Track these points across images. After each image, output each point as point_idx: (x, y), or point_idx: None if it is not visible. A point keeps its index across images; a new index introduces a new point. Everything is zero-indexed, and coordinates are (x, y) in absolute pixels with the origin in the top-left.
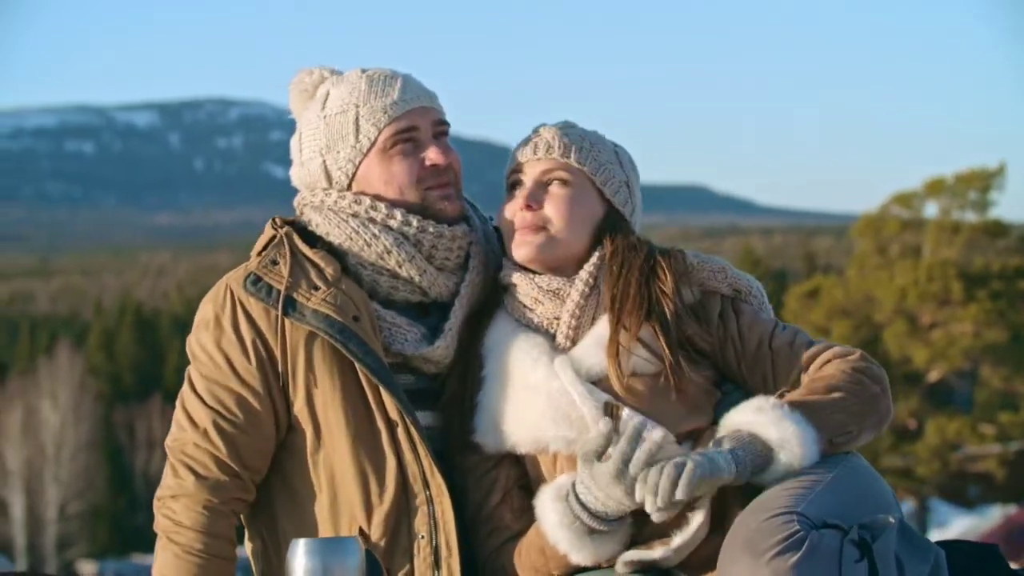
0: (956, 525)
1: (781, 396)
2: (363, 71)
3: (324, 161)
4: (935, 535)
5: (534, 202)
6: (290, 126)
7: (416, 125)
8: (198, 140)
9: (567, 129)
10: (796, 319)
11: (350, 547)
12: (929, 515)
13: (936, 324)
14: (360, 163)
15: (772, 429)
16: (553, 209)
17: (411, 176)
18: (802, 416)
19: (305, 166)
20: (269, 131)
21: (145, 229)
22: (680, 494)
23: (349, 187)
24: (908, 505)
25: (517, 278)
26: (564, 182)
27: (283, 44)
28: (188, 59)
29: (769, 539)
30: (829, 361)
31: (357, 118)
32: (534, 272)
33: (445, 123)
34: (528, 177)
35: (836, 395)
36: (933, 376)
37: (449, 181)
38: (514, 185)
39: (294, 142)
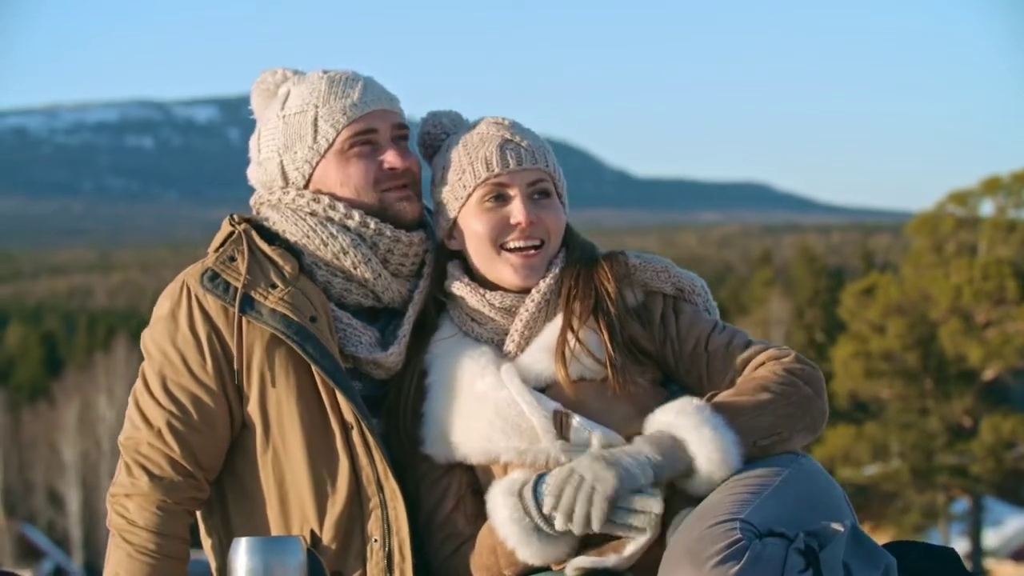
0: (1011, 523)
1: (711, 398)
2: (324, 72)
3: (281, 161)
4: (990, 533)
5: (534, 216)
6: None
7: (375, 127)
8: None
9: (528, 133)
10: (852, 317)
11: (292, 547)
12: (984, 513)
13: (991, 322)
14: (317, 164)
15: (691, 435)
16: (550, 221)
17: (368, 178)
18: (723, 421)
19: (262, 165)
20: None
21: (204, 224)
22: (596, 526)
23: (306, 187)
24: (963, 503)
25: (466, 292)
26: (547, 193)
27: (344, 39)
28: (248, 54)
29: (710, 547)
30: (763, 363)
31: (316, 119)
32: (485, 287)
33: (405, 127)
34: (516, 189)
35: (764, 397)
36: (988, 374)
37: (407, 183)
38: (494, 196)
39: (253, 141)
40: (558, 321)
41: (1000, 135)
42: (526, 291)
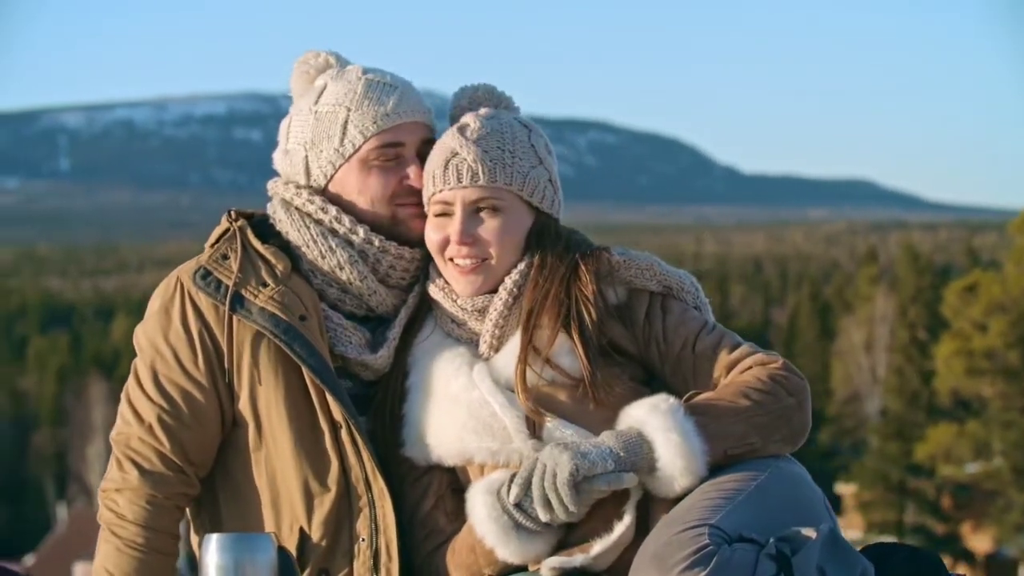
0: None
1: (690, 398)
2: (364, 72)
3: (307, 156)
4: None
5: (469, 236)
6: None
7: (402, 141)
8: None
9: (485, 143)
10: (955, 315)
11: (262, 544)
12: None
13: None
14: (340, 167)
15: (659, 436)
16: (491, 240)
17: (385, 192)
18: (694, 426)
19: (289, 155)
20: (436, 120)
21: None
22: (572, 508)
23: (325, 188)
24: None
25: (441, 296)
26: (496, 209)
27: (451, 33)
28: (355, 47)
29: (677, 553)
30: (749, 368)
31: (346, 121)
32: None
33: (433, 141)
34: (457, 207)
35: (743, 403)
36: None
37: (422, 200)
38: (440, 212)
39: (283, 126)
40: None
41: None
42: (493, 291)
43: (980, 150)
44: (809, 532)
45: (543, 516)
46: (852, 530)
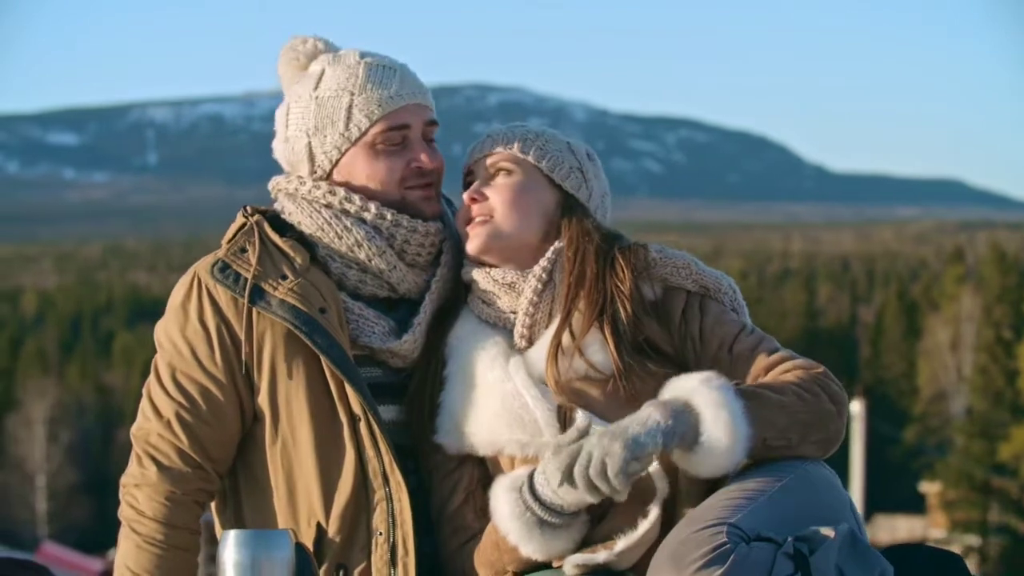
0: None
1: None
2: (362, 56)
3: (310, 142)
4: None
5: (478, 194)
6: (551, 114)
7: (408, 123)
8: (456, 126)
9: (516, 126)
10: None
11: (280, 540)
12: None
13: None
14: (346, 151)
15: (709, 411)
16: (496, 198)
17: (394, 175)
18: (743, 409)
19: (290, 143)
20: (527, 118)
21: None
22: (616, 483)
23: (330, 173)
24: None
25: (475, 273)
26: (508, 171)
27: (542, 31)
28: (448, 45)
29: (694, 551)
30: (790, 370)
31: (350, 106)
32: (490, 266)
33: (435, 122)
34: (476, 174)
35: (787, 397)
36: None
37: (431, 182)
38: (467, 185)
39: (280, 114)
40: (564, 316)
41: None
42: (510, 261)
43: None
44: (828, 532)
45: (575, 498)
46: (936, 529)
